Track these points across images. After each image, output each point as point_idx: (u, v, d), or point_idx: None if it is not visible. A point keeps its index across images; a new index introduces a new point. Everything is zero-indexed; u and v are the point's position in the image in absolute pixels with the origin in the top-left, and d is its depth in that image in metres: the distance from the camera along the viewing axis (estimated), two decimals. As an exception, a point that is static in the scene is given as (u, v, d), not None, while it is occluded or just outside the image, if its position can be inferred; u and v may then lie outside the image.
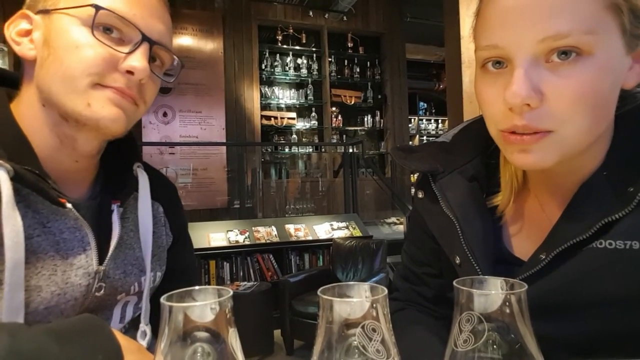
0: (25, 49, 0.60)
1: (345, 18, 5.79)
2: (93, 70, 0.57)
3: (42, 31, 0.59)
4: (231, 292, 0.32)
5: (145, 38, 0.60)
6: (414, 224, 0.74)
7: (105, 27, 0.58)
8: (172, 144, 4.98)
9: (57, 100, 0.58)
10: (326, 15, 5.75)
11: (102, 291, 0.62)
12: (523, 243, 0.60)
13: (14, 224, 0.52)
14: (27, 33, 0.60)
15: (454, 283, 0.37)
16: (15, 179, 0.53)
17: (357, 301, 0.34)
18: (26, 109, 0.60)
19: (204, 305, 0.31)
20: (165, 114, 5.02)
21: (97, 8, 0.56)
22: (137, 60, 0.58)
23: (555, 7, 0.45)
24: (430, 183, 0.64)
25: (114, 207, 0.65)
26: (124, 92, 0.59)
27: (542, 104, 0.47)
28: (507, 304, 0.35)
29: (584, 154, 0.53)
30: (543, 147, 0.49)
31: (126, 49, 0.59)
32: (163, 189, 0.77)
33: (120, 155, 0.70)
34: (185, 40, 5.11)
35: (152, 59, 0.62)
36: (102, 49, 0.57)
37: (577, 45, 0.45)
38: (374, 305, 0.33)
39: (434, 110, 8.08)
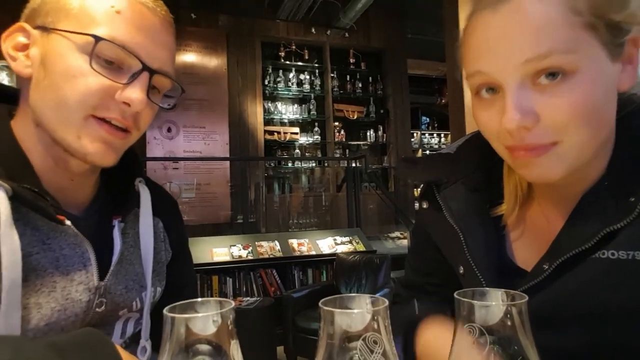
0: (21, 65, 0.58)
1: (347, 34, 5.85)
2: (89, 102, 0.56)
3: (40, 49, 0.57)
4: (233, 304, 0.33)
5: (145, 68, 0.58)
6: (418, 235, 0.75)
7: (106, 60, 0.56)
8: (176, 159, 5.00)
9: (49, 126, 0.57)
10: (328, 32, 5.82)
11: (103, 307, 0.62)
12: (526, 253, 0.60)
13: (11, 243, 0.51)
14: (24, 47, 0.58)
15: (455, 295, 0.37)
16: (14, 197, 0.53)
17: (358, 313, 0.34)
18: (23, 127, 0.60)
19: (206, 316, 0.32)
20: (169, 130, 5.06)
21: (97, 39, 0.55)
22: (135, 92, 0.57)
23: (533, 31, 0.46)
24: (435, 193, 0.65)
25: (115, 222, 0.65)
26: (118, 122, 0.58)
27: (539, 123, 0.48)
28: (509, 315, 0.35)
29: (588, 164, 0.54)
30: (550, 159, 0.50)
31: (124, 79, 0.57)
32: (164, 204, 0.77)
33: (122, 170, 0.69)
34: (190, 57, 5.18)
35: (151, 85, 0.61)
36: (100, 80, 0.56)
37: (559, 65, 0.47)
38: (375, 317, 0.33)
39: (436, 125, 8.10)
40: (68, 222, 0.58)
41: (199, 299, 0.34)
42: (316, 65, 5.91)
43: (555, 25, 0.46)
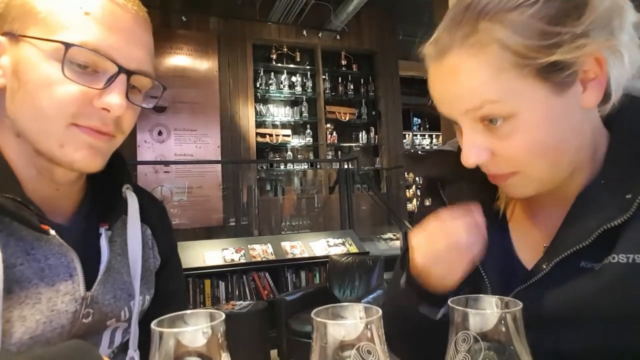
0: None
1: (338, 37, 5.86)
2: (67, 111, 0.54)
3: (11, 58, 0.55)
4: (223, 316, 0.32)
5: (121, 70, 0.55)
6: None
7: (79, 64, 0.54)
8: (167, 163, 4.96)
9: (30, 137, 0.56)
10: (320, 34, 5.83)
11: (90, 317, 0.60)
12: (530, 250, 0.60)
13: None
14: None
15: (449, 302, 0.37)
16: None
17: (351, 323, 0.33)
18: (3, 137, 0.58)
19: (196, 330, 0.31)
20: (160, 133, 5.02)
21: (67, 46, 0.52)
22: (113, 97, 0.55)
23: (466, 88, 0.51)
24: (439, 190, 0.65)
25: (102, 230, 0.64)
26: (100, 130, 0.56)
27: (495, 157, 0.53)
28: (503, 322, 0.35)
29: (579, 168, 0.54)
30: (516, 182, 0.54)
31: (101, 84, 0.55)
32: (152, 210, 0.75)
33: (109, 177, 0.67)
34: (181, 60, 5.15)
35: (130, 85, 0.58)
36: (75, 88, 0.54)
37: (493, 114, 0.50)
38: (369, 326, 0.33)
39: (427, 126, 8.14)
40: (52, 232, 0.56)
41: (189, 311, 0.33)
42: (308, 67, 5.90)
43: (483, 81, 0.49)
